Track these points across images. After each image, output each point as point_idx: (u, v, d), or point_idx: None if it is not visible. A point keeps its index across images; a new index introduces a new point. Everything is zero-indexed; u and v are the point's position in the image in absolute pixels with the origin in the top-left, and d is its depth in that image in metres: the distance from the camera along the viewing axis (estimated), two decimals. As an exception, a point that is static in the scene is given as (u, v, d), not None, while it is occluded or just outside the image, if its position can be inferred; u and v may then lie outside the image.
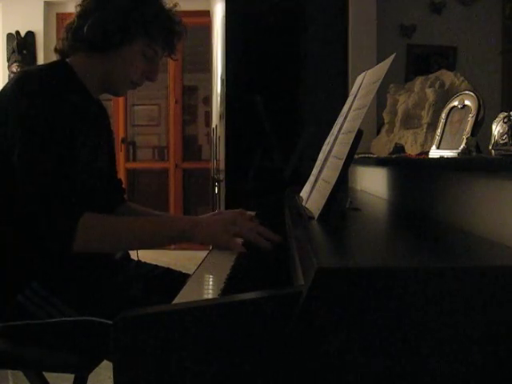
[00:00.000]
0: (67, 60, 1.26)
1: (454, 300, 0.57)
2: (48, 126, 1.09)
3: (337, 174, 0.88)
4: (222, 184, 2.97)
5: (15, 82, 1.12)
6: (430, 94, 1.74)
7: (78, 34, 1.22)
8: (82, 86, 1.25)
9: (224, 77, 2.91)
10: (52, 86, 1.13)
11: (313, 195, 1.04)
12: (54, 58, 1.30)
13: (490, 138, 1.15)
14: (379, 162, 1.55)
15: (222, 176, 3.00)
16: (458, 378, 0.58)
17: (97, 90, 1.30)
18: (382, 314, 0.57)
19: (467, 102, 1.30)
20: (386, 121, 2.08)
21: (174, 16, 1.28)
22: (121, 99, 4.88)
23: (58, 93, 1.13)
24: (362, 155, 1.90)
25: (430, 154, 1.41)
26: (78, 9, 1.23)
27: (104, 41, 1.20)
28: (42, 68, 1.21)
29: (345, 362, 0.58)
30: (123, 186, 1.53)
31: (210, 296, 0.87)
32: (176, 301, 0.81)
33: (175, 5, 1.30)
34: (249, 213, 1.40)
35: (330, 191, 0.88)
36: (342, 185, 0.97)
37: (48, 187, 1.07)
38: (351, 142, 0.87)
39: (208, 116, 4.70)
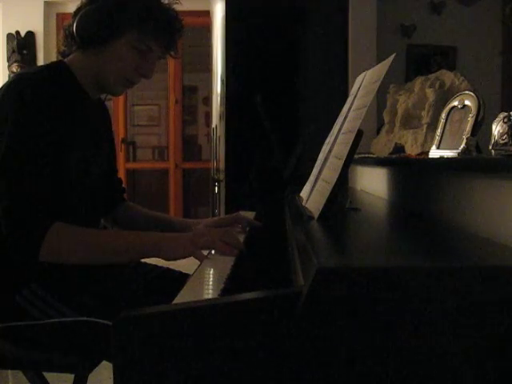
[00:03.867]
0: (65, 60, 1.25)
1: (454, 300, 0.57)
2: (33, 132, 1.08)
3: (337, 174, 0.88)
4: (222, 184, 2.97)
5: (8, 87, 1.11)
6: (430, 93, 1.74)
7: (70, 32, 1.21)
8: (79, 86, 1.24)
9: (224, 77, 2.91)
10: (44, 90, 1.11)
11: (313, 195, 1.04)
12: (53, 58, 1.30)
13: (490, 138, 1.15)
14: (379, 162, 1.55)
15: (222, 176, 3.00)
16: (457, 378, 0.58)
17: (94, 90, 1.28)
18: (382, 314, 0.57)
19: (467, 102, 1.30)
20: (386, 121, 2.08)
21: (169, 11, 1.25)
22: (121, 99, 4.88)
23: (50, 97, 1.11)
24: (362, 155, 1.90)
25: (430, 154, 1.41)
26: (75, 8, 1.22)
27: (92, 35, 1.18)
28: (36, 71, 1.19)
29: (345, 362, 0.58)
30: (123, 185, 1.53)
31: (210, 296, 0.86)
32: (176, 301, 0.81)
33: (174, 1, 1.26)
34: (248, 213, 1.40)
35: (330, 191, 0.88)
36: (342, 185, 0.97)
37: (19, 194, 1.05)
38: (351, 142, 0.87)
39: (208, 116, 4.70)
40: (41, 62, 4.50)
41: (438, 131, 1.40)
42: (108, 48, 1.20)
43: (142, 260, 1.40)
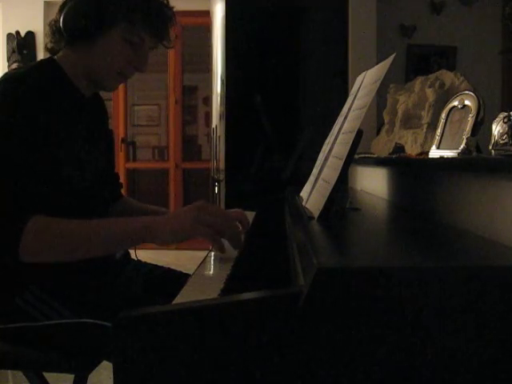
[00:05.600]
0: (55, 57, 1.22)
1: (454, 300, 0.57)
2: (21, 131, 1.05)
3: (337, 174, 0.88)
4: (222, 184, 2.97)
5: None
6: (430, 93, 1.73)
7: (57, 28, 1.18)
8: (70, 83, 1.21)
9: (224, 77, 2.91)
10: (34, 89, 1.09)
11: (313, 195, 1.04)
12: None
13: (490, 138, 1.15)
14: (379, 162, 1.55)
15: (222, 176, 3.00)
16: (456, 378, 0.58)
17: (86, 86, 1.25)
18: (381, 314, 0.57)
19: (467, 102, 1.30)
20: (386, 121, 2.08)
21: None
22: (121, 99, 4.89)
23: (40, 95, 1.09)
24: (362, 155, 1.90)
25: (430, 154, 1.41)
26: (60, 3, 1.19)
27: (80, 30, 1.15)
28: (26, 69, 1.16)
29: (345, 362, 0.58)
30: (120, 180, 1.51)
31: (210, 296, 0.87)
32: (176, 301, 0.81)
33: None
34: (248, 213, 1.40)
35: (330, 191, 0.88)
36: (342, 185, 0.97)
37: None
38: (351, 142, 0.87)
39: (208, 116, 4.71)
40: (41, 62, 4.50)
41: (438, 131, 1.41)
42: (98, 42, 1.17)
43: (142, 260, 1.40)
